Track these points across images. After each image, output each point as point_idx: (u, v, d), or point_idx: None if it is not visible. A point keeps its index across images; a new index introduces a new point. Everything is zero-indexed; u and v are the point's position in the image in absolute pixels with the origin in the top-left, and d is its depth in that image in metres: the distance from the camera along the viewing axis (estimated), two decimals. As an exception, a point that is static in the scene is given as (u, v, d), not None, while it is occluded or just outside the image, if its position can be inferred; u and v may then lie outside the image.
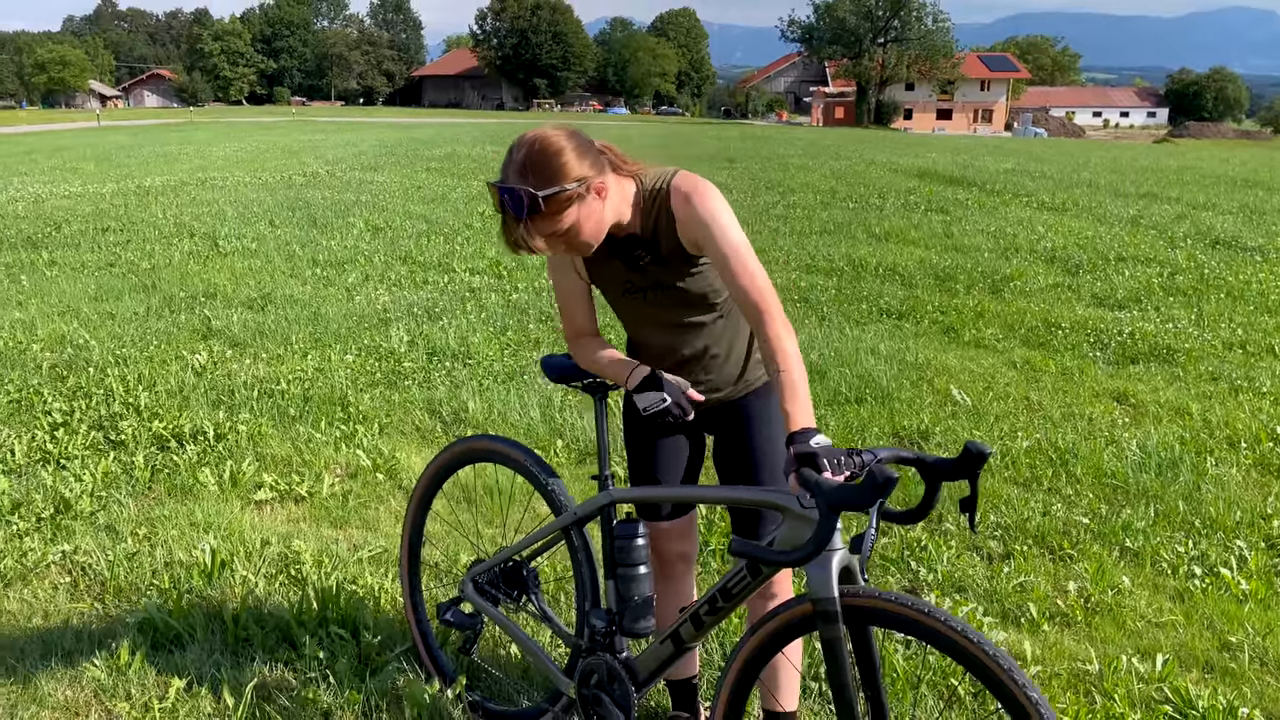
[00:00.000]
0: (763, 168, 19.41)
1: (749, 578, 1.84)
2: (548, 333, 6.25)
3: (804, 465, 1.66)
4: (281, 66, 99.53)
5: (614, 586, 2.12)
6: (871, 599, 1.68)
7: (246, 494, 3.84)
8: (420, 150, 22.91)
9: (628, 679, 2.09)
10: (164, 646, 2.79)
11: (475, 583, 2.46)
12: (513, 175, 1.88)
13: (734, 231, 1.96)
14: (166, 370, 5.33)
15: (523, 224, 1.87)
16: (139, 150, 23.26)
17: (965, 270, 8.71)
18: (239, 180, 15.20)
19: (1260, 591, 3.24)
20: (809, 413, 1.80)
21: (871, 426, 4.70)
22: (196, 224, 10.43)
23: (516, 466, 2.36)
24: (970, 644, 1.56)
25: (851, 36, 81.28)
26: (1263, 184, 18.46)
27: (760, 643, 1.82)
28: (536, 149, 1.89)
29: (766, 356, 1.90)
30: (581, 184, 1.89)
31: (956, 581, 3.27)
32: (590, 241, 1.97)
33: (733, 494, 2.09)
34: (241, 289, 7.41)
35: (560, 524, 2.24)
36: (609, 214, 1.98)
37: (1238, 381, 5.64)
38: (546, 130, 1.93)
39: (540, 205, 1.86)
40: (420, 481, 2.58)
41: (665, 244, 2.03)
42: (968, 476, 1.61)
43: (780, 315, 1.92)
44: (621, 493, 2.15)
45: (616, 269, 2.11)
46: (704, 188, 1.99)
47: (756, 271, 1.94)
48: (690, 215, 1.97)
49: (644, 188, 2.03)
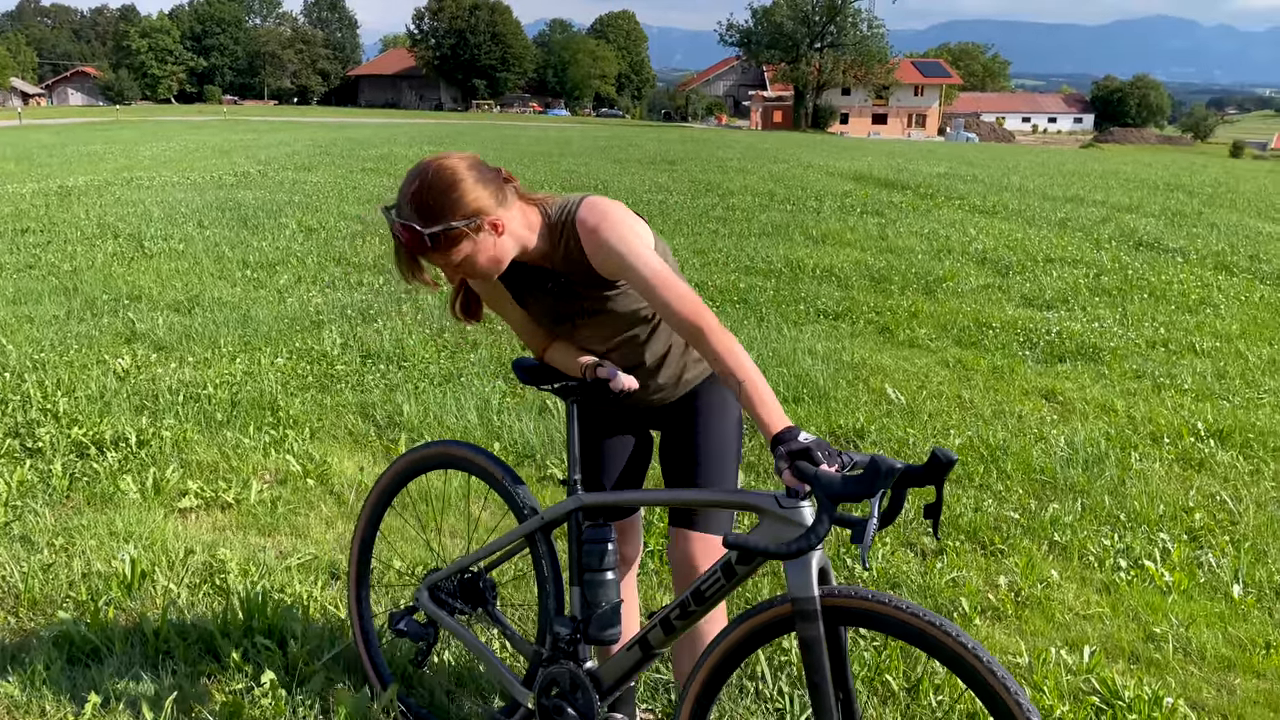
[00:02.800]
0: (702, 170, 19.50)
1: (723, 580, 1.82)
2: (485, 335, 6.18)
3: (798, 460, 1.65)
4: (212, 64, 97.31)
5: (579, 593, 2.08)
6: (851, 599, 1.67)
7: (170, 502, 3.72)
8: (356, 150, 22.58)
9: (592, 688, 2.05)
10: (81, 660, 2.69)
11: (431, 591, 2.39)
12: (405, 207, 1.86)
13: (649, 255, 1.92)
14: (87, 375, 5.15)
15: (411, 257, 1.88)
16: (62, 149, 22.55)
17: (900, 272, 8.84)
18: (166, 180, 14.80)
19: (1183, 583, 3.32)
20: (783, 414, 1.77)
21: (809, 426, 4.73)
22: (121, 225, 10.12)
23: (481, 473, 2.31)
24: (951, 641, 1.57)
25: (789, 41, 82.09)
26: (1184, 188, 19.06)
27: (735, 643, 1.80)
28: (429, 180, 1.86)
29: (722, 374, 1.85)
30: (474, 220, 1.86)
31: (891, 578, 3.30)
32: (487, 274, 1.96)
33: (705, 496, 2.08)
34: (168, 291, 7.20)
35: (526, 529, 2.19)
36: (507, 248, 1.95)
37: (1160, 379, 5.80)
38: (446, 159, 1.89)
39: (427, 243, 1.85)
40: (375, 487, 2.51)
41: (578, 273, 2.00)
42: (935, 483, 1.61)
43: (718, 326, 1.87)
44: (591, 497, 2.11)
45: (541, 299, 2.10)
46: (610, 217, 1.94)
47: (684, 290, 1.89)
48: (599, 247, 1.93)
49: (549, 219, 2.00)
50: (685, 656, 2.22)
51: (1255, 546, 3.63)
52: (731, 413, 2.23)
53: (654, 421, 2.27)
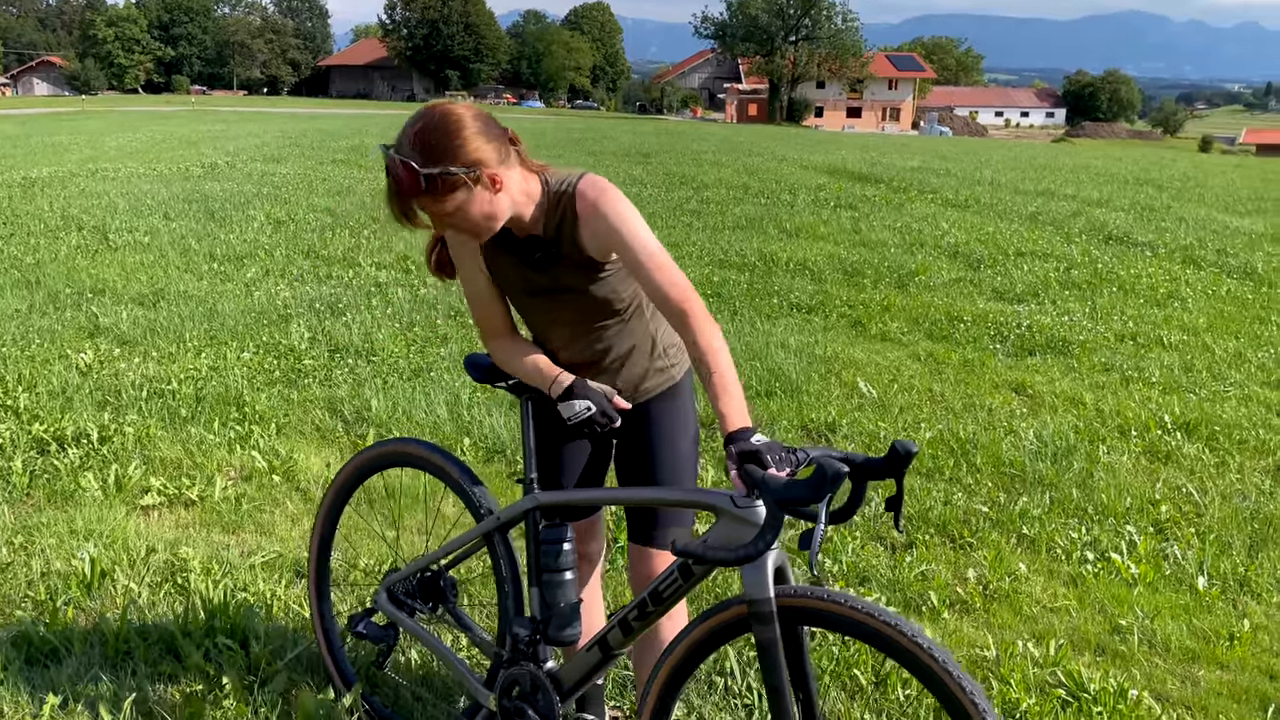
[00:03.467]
0: (677, 163, 19.46)
1: (680, 580, 1.80)
2: (456, 329, 6.13)
3: (746, 463, 1.63)
4: (180, 54, 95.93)
5: (538, 593, 2.05)
6: (807, 599, 1.66)
7: (132, 499, 3.66)
8: (326, 142, 22.35)
9: (552, 689, 2.03)
10: (39, 661, 2.63)
11: (390, 593, 2.35)
12: (405, 145, 1.81)
13: (645, 234, 1.90)
14: (49, 370, 5.06)
15: (404, 198, 1.81)
16: (26, 140, 22.16)
17: (872, 265, 8.86)
18: (132, 172, 14.58)
19: (1148, 575, 3.35)
20: (744, 412, 1.76)
21: (781, 419, 4.73)
22: (85, 217, 9.96)
23: (437, 472, 2.27)
24: (907, 640, 1.56)
25: (764, 34, 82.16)
26: (1153, 182, 19.26)
27: (692, 645, 1.79)
28: (435, 123, 1.81)
29: (695, 359, 1.84)
30: (474, 170, 1.81)
31: (861, 572, 3.30)
32: (478, 229, 1.90)
33: (662, 495, 2.06)
34: (132, 284, 7.09)
35: (483, 529, 2.15)
36: (503, 206, 1.89)
37: (1129, 372, 5.85)
38: (453, 105, 1.86)
39: (422, 184, 1.79)
40: (332, 485, 2.47)
41: (567, 247, 1.96)
42: (894, 475, 1.60)
43: (703, 313, 1.87)
44: (548, 496, 2.08)
45: (517, 268, 2.04)
46: (610, 192, 1.93)
47: (674, 272, 1.89)
48: (598, 220, 1.91)
49: (549, 188, 1.96)
50: (646, 656, 2.20)
51: (1220, 539, 3.67)
52: (690, 427, 2.19)
53: (610, 429, 2.22)
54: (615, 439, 2.22)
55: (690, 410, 2.22)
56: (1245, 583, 3.36)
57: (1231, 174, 24.02)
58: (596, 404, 1.99)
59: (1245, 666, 2.86)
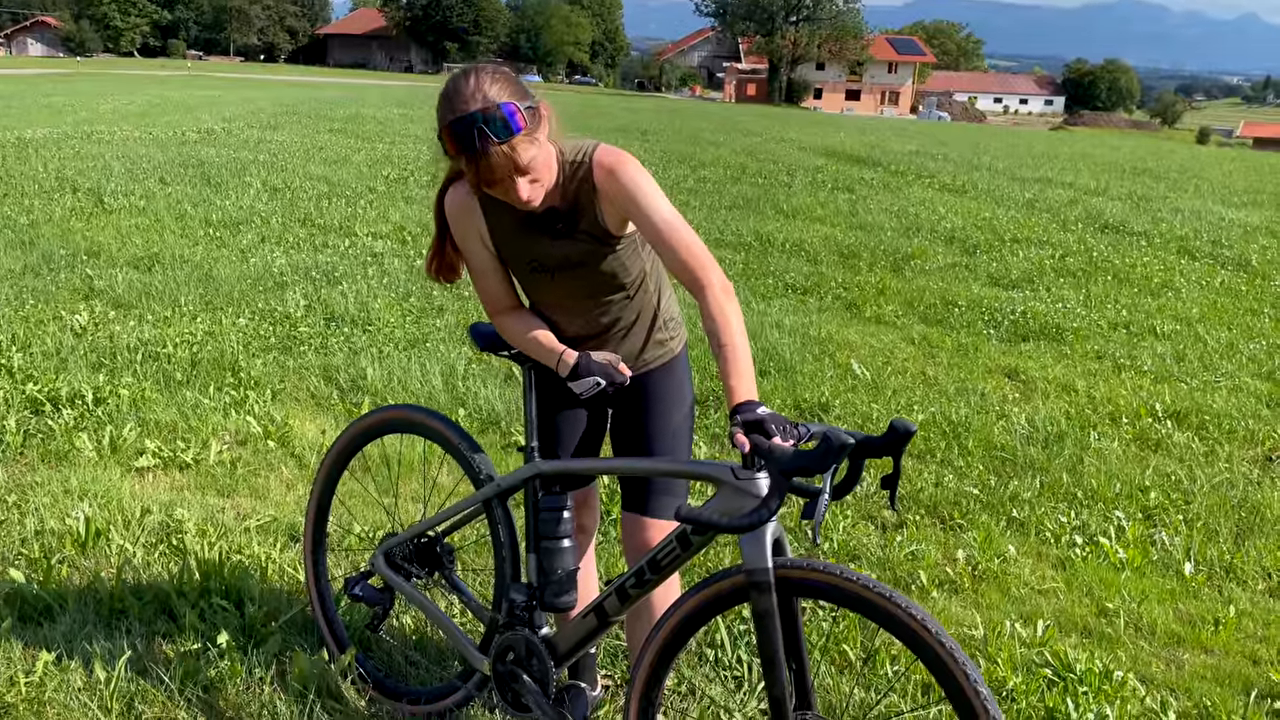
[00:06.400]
0: (675, 141, 19.41)
1: (679, 550, 1.81)
2: (452, 300, 6.12)
3: (752, 432, 1.64)
4: (177, 18, 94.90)
5: (536, 560, 2.07)
6: (804, 570, 1.67)
7: (127, 461, 3.66)
8: (323, 110, 22.21)
9: (547, 655, 2.05)
10: (33, 619, 2.64)
11: (387, 556, 2.36)
12: (480, 99, 1.72)
13: (663, 202, 1.89)
14: (43, 331, 5.05)
15: (504, 145, 1.73)
16: (20, 99, 21.96)
17: (868, 248, 8.87)
18: (128, 135, 14.48)
19: (1136, 560, 3.38)
20: (752, 386, 1.76)
21: (774, 399, 4.74)
22: (80, 179, 9.89)
23: (437, 438, 2.28)
24: (902, 613, 1.58)
25: (764, 13, 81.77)
26: (1150, 172, 19.27)
27: (687, 614, 1.80)
28: (494, 70, 1.78)
29: (709, 331, 1.84)
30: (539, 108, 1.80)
31: (851, 550, 3.32)
32: (542, 178, 1.85)
33: (664, 465, 2.07)
34: (127, 248, 7.06)
35: (483, 496, 2.16)
36: (552, 164, 1.88)
37: (1121, 360, 5.88)
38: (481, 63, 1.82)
39: (524, 120, 1.73)
40: (332, 450, 2.48)
41: (584, 219, 1.95)
42: (893, 454, 1.61)
43: (722, 284, 1.85)
44: (549, 464, 2.09)
45: (526, 243, 2.01)
46: (628, 160, 1.92)
47: (693, 242, 1.87)
48: (616, 189, 1.89)
49: (564, 158, 1.94)
50: (638, 626, 2.22)
51: (1207, 526, 3.71)
52: (685, 401, 2.20)
53: (609, 398, 2.21)
54: (611, 409, 2.23)
55: (686, 383, 2.22)
56: (1231, 569, 3.40)
57: (1228, 166, 24.04)
58: (605, 376, 2.00)
59: (1229, 651, 2.90)
